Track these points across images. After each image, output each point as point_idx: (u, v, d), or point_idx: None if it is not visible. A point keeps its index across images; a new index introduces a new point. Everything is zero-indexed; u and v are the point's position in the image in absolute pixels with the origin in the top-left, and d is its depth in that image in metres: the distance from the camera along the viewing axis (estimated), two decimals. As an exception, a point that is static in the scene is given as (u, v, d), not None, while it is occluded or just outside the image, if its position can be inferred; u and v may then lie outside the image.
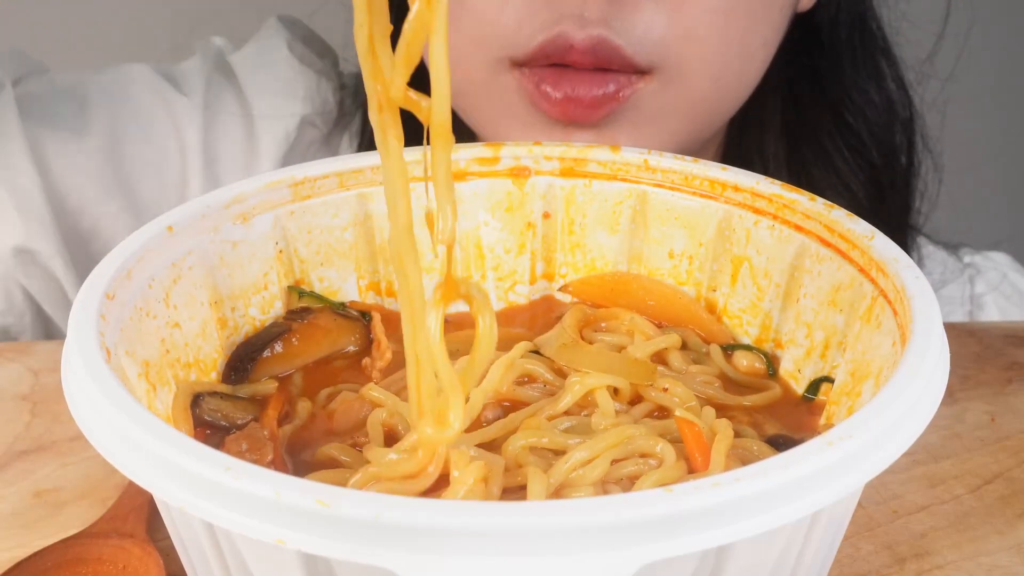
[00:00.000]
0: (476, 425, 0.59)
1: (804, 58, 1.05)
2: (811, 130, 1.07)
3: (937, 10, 1.09)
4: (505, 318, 0.75)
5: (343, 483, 0.51)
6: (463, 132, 0.96)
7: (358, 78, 1.17)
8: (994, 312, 1.16)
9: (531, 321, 0.73)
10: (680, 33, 0.83)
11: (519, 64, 0.84)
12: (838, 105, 1.07)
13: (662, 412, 0.61)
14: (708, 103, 0.90)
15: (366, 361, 0.68)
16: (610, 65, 0.82)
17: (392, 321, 0.71)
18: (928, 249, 1.18)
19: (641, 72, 0.84)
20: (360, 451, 0.58)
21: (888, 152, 1.09)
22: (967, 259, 1.20)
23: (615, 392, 0.62)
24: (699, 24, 0.83)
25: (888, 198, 1.04)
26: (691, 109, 0.89)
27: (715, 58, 0.86)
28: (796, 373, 0.67)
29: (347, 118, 1.15)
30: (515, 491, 0.53)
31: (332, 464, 0.58)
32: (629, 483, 0.54)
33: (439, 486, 0.52)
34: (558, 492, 0.53)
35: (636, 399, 0.62)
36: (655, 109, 0.87)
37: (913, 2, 1.08)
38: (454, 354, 0.65)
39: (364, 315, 0.72)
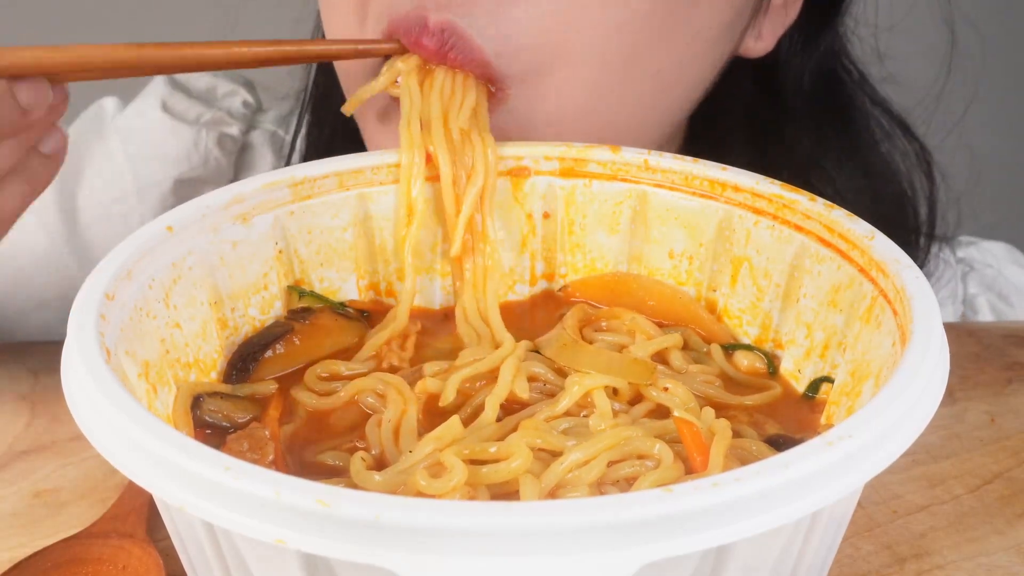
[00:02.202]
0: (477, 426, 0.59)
1: (771, 124, 1.01)
2: None
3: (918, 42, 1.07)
4: (505, 318, 0.75)
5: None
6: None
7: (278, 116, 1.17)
8: (988, 316, 1.13)
9: (531, 321, 0.73)
10: (553, 42, 0.74)
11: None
12: (808, 174, 1.01)
13: (662, 412, 0.61)
14: (591, 130, 0.79)
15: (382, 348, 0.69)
16: (455, 60, 0.73)
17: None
18: (929, 265, 1.15)
19: (491, 80, 0.75)
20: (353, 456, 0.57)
21: (869, 216, 1.05)
22: (961, 253, 1.17)
23: (615, 392, 0.62)
24: (577, 35, 0.74)
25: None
26: (571, 133, 0.77)
27: (595, 82, 0.77)
28: (796, 373, 0.67)
29: (252, 153, 1.15)
30: (509, 496, 0.53)
31: (327, 471, 0.58)
32: (627, 484, 0.54)
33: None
34: (553, 493, 0.53)
35: (636, 399, 0.62)
36: (520, 129, 0.77)
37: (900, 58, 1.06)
38: (456, 352, 0.66)
39: (364, 314, 0.72)
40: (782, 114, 1.01)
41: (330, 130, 1.05)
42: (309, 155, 1.06)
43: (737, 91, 0.94)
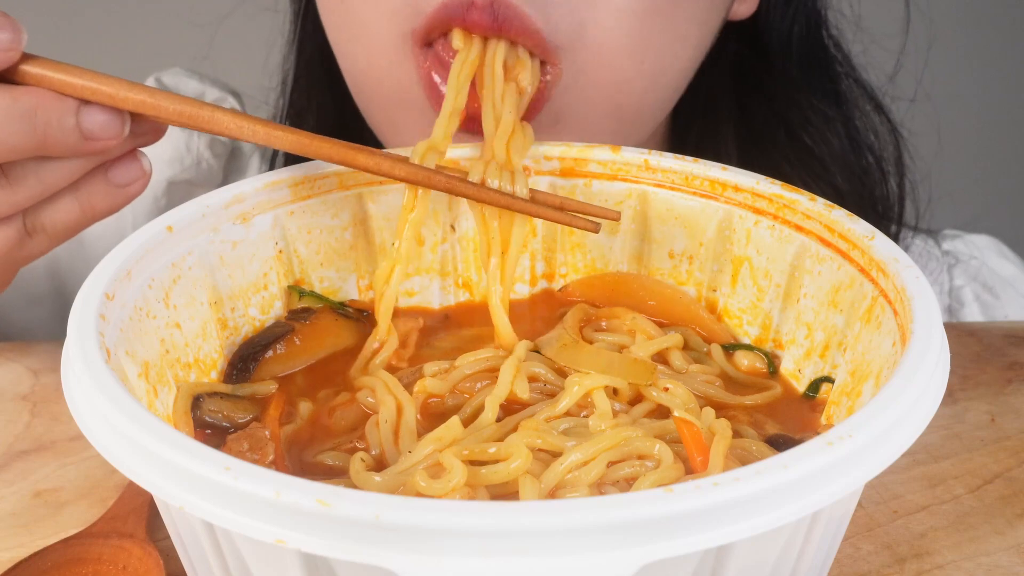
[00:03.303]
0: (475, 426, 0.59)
1: (757, 83, 1.02)
2: (769, 159, 1.02)
3: (899, 25, 1.07)
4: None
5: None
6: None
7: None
8: (974, 306, 1.14)
9: (531, 321, 0.73)
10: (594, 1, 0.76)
11: (421, 41, 0.78)
12: (796, 130, 1.02)
13: (662, 412, 0.61)
14: (633, 91, 0.82)
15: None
16: (510, 30, 0.75)
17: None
18: (905, 241, 1.15)
19: (544, 52, 0.76)
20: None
21: (855, 179, 1.05)
22: (946, 245, 1.18)
23: (615, 392, 0.62)
24: None
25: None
26: (613, 100, 0.81)
27: (635, 28, 0.78)
28: (796, 373, 0.67)
29: (241, 159, 1.15)
30: (509, 497, 0.53)
31: (327, 471, 0.58)
32: (627, 485, 0.54)
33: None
34: (553, 494, 0.53)
35: (636, 399, 0.62)
36: (570, 106, 0.79)
37: (878, 21, 1.06)
38: (456, 351, 0.66)
39: (364, 313, 0.72)
40: (769, 78, 1.02)
41: None
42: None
43: (722, 56, 0.94)
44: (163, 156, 1.11)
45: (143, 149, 0.65)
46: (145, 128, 0.63)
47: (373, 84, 0.85)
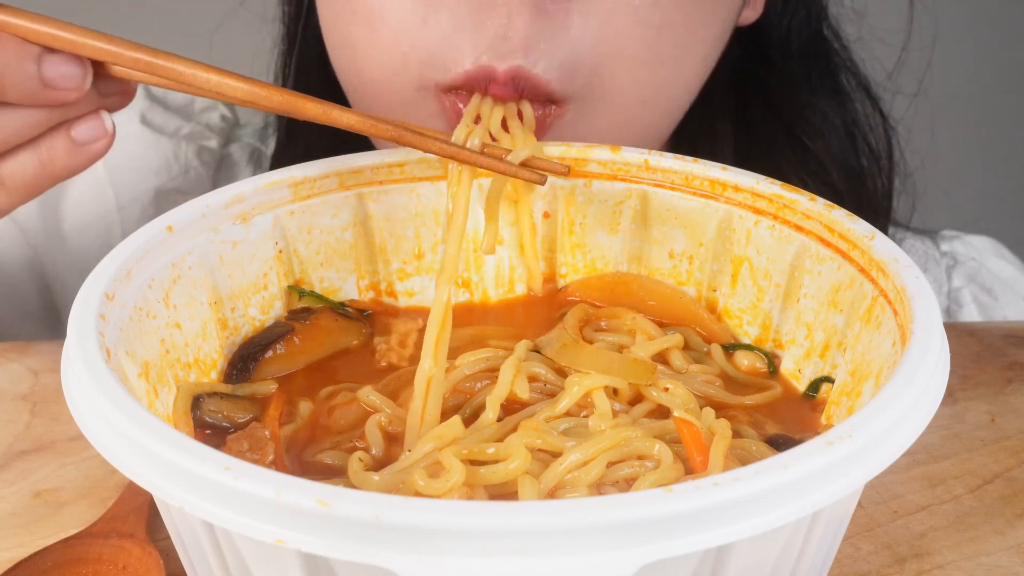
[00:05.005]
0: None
1: (754, 79, 1.02)
2: (766, 157, 1.02)
3: (903, 20, 1.07)
4: (506, 316, 0.75)
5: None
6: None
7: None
8: (972, 308, 1.14)
9: (531, 321, 0.73)
10: (608, 52, 0.77)
11: (446, 89, 0.78)
12: (794, 128, 1.03)
13: (662, 412, 0.61)
14: (639, 123, 0.84)
15: (381, 347, 0.69)
16: (529, 94, 0.76)
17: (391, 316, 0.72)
18: (903, 241, 1.15)
19: (555, 101, 0.78)
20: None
21: (853, 177, 1.05)
22: (945, 247, 1.18)
23: (615, 392, 0.62)
24: (628, 41, 0.77)
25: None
26: (619, 131, 0.82)
27: (646, 79, 0.80)
28: (797, 373, 0.67)
29: (231, 167, 1.15)
30: (508, 497, 0.53)
31: (326, 471, 0.58)
32: (626, 485, 0.54)
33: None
34: (552, 494, 0.53)
35: (637, 399, 0.62)
36: (580, 135, 0.80)
37: (881, 16, 1.06)
38: (456, 351, 0.66)
39: (364, 313, 0.72)
40: (768, 74, 1.02)
41: (304, 148, 1.06)
42: None
43: (723, 58, 0.95)
44: (151, 165, 1.10)
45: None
46: (112, 88, 0.62)
47: (383, 110, 0.85)
